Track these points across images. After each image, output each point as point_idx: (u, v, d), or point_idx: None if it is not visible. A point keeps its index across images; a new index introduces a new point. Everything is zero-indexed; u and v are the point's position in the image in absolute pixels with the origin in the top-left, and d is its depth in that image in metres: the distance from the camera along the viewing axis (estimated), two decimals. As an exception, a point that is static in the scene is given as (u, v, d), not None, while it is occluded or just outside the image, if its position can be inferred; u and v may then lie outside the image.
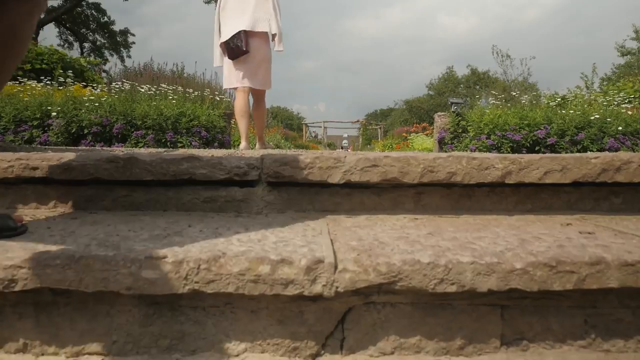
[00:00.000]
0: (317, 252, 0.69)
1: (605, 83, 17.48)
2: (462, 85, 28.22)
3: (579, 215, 1.03)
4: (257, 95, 3.32)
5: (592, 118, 4.53)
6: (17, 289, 0.64)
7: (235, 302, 0.69)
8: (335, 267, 0.65)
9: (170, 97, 4.56)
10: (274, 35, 3.14)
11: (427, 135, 9.59)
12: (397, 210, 1.03)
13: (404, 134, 11.96)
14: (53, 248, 0.69)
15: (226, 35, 3.10)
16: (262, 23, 3.09)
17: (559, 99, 10.26)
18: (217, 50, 3.28)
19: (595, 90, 16.23)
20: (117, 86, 4.89)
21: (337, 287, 0.65)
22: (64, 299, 0.69)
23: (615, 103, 5.79)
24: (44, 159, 1.01)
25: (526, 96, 6.47)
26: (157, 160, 1.00)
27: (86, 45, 21.10)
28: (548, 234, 0.84)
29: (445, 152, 4.92)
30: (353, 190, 1.03)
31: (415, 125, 11.74)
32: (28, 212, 1.02)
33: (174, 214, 1.00)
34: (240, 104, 3.24)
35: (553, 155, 1.00)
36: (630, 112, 4.80)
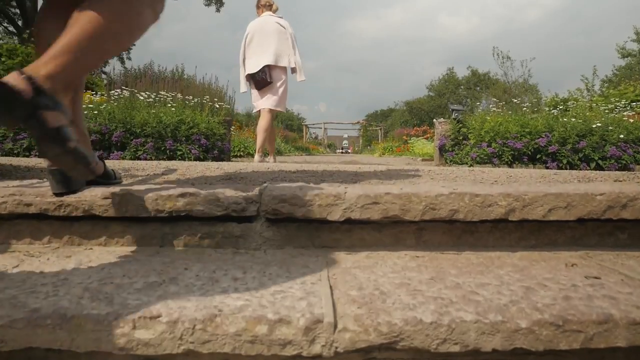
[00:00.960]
0: (316, 307, 0.67)
1: (606, 85, 17.49)
2: (462, 87, 28.21)
3: (583, 251, 1.01)
4: (274, 115, 4.07)
5: (594, 126, 4.51)
6: (6, 349, 0.62)
7: None
8: (335, 327, 0.63)
9: (170, 105, 4.54)
10: (293, 69, 3.92)
11: (427, 139, 9.57)
12: (398, 246, 1.01)
13: (404, 137, 11.95)
14: (44, 304, 0.67)
15: (252, 69, 3.85)
16: (283, 58, 3.82)
17: (560, 106, 10.25)
18: (243, 80, 4.04)
19: (595, 93, 16.25)
20: (117, 93, 4.86)
21: (336, 348, 0.63)
22: (55, 354, 0.67)
23: (617, 110, 5.76)
24: (38, 195, 0.99)
25: (527, 102, 6.44)
26: (154, 197, 0.98)
27: (86, 47, 20.97)
28: (553, 279, 0.82)
29: (446, 159, 4.91)
30: (353, 226, 1.01)
31: (415, 128, 11.72)
32: (22, 248, 1.00)
33: (171, 251, 0.98)
34: (261, 123, 3.97)
35: (557, 191, 0.98)
36: (632, 120, 4.77)
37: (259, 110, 4.01)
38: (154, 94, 4.80)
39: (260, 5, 3.99)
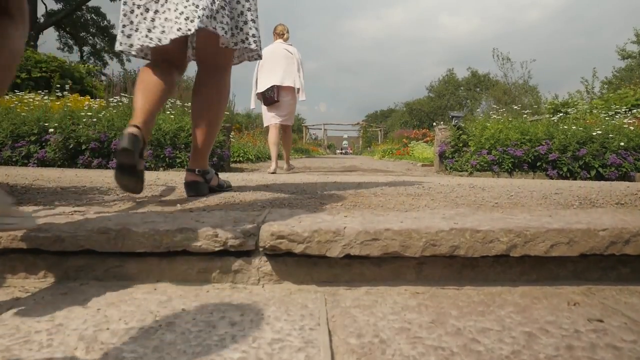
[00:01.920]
0: (315, 361, 0.65)
1: (605, 87, 17.47)
2: (462, 88, 28.18)
3: (585, 286, 1.00)
4: (284, 128, 4.67)
5: (594, 134, 4.49)
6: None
7: (229, 413, 0.66)
8: (334, 384, 0.62)
9: (169, 112, 4.53)
10: (298, 89, 4.48)
11: (426, 142, 9.55)
12: (398, 281, 1.00)
13: (404, 140, 11.93)
14: (37, 356, 0.65)
15: (262, 88, 4.44)
16: (288, 80, 4.41)
17: (560, 111, 10.24)
18: (254, 97, 4.59)
19: (595, 95, 16.24)
20: (115, 100, 4.85)
21: (335, 406, 0.62)
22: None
23: (618, 117, 5.75)
24: (32, 230, 0.97)
25: (527, 108, 6.43)
26: (150, 232, 0.96)
27: (86, 49, 21.08)
28: (555, 323, 0.80)
29: (446, 166, 4.89)
30: (352, 261, 1.00)
31: (415, 131, 11.69)
32: (17, 283, 0.99)
33: (168, 287, 0.97)
34: (272, 136, 4.53)
35: (560, 227, 0.97)
36: (632, 128, 4.76)
37: (268, 125, 4.59)
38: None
39: (275, 33, 4.65)
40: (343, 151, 30.21)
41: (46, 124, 4.21)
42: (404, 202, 1.53)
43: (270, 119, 4.52)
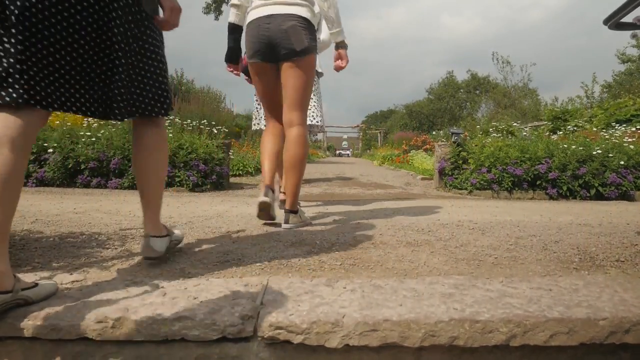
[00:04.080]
0: None
1: (605, 91, 17.48)
2: (462, 90, 28.17)
3: (585, 372, 1.00)
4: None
5: (594, 153, 4.49)
6: None
7: None
8: None
9: (168, 131, 4.51)
10: None
11: (426, 150, 9.55)
12: (397, 367, 1.00)
13: (403, 146, 11.93)
14: None
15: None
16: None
17: (559, 118, 10.22)
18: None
19: (595, 99, 16.23)
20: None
21: None
22: None
23: (618, 127, 5.74)
24: (29, 318, 0.97)
25: (527, 112, 6.44)
26: (148, 321, 0.96)
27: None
28: None
29: (446, 184, 4.88)
30: (351, 348, 0.99)
31: (415, 138, 11.69)
32: (14, 368, 0.98)
33: (166, 375, 0.96)
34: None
35: (559, 317, 0.97)
36: (632, 147, 4.75)
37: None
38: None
39: None
40: (343, 152, 30.18)
41: (45, 144, 4.20)
42: (403, 258, 1.53)
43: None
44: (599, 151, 4.52)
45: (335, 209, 2.91)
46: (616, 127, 6.96)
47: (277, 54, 2.04)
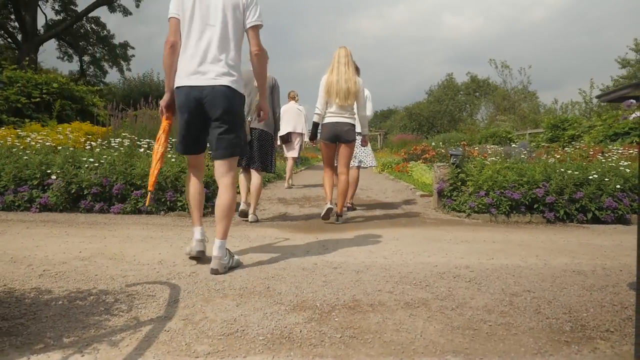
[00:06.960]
0: None
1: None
2: (461, 92, 28.19)
3: None
4: (294, 160, 7.47)
5: (591, 177, 4.55)
6: None
7: None
8: None
9: (170, 156, 4.57)
10: (303, 134, 7.30)
11: (424, 161, 9.60)
12: None
13: (403, 155, 11.98)
14: None
15: (282, 133, 6.85)
16: (299, 128, 7.23)
17: (558, 128, 10.25)
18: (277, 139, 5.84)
19: (593, 105, 16.25)
20: (117, 142, 4.89)
21: None
22: None
23: (614, 158, 5.77)
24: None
25: (527, 115, 6.49)
26: None
27: (85, 58, 21.06)
28: None
29: (444, 205, 4.94)
30: None
31: (415, 147, 11.73)
32: None
33: None
34: (290, 164, 7.34)
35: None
36: (628, 170, 4.81)
37: (287, 157, 7.40)
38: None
39: (289, 96, 7.37)
40: None
41: (48, 171, 4.25)
42: (401, 327, 1.58)
43: (287, 153, 7.39)
44: (596, 175, 4.58)
45: (336, 245, 2.97)
46: (615, 142, 7.01)
47: (339, 139, 4.12)
